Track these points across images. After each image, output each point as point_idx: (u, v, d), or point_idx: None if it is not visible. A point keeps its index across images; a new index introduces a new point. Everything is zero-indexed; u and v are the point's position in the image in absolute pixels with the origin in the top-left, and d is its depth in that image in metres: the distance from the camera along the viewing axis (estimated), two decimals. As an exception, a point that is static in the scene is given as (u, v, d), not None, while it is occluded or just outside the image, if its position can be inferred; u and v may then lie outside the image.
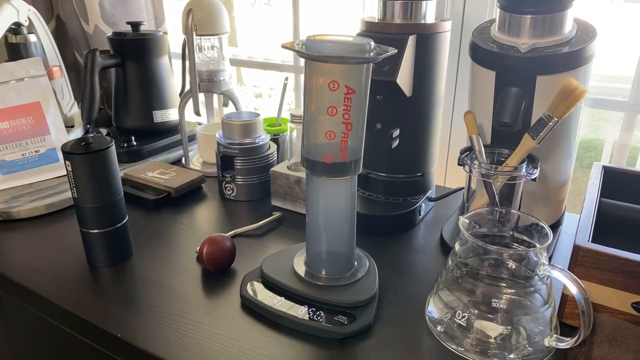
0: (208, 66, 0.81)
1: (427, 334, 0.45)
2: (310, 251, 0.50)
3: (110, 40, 0.86)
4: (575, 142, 0.58)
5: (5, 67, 0.75)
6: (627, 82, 0.70)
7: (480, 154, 0.54)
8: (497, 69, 0.53)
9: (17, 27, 0.89)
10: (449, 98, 0.79)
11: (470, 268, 0.43)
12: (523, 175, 0.52)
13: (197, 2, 0.76)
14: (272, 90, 1.89)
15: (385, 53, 0.40)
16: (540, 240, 0.43)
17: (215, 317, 0.47)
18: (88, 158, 0.51)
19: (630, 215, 0.56)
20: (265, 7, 1.90)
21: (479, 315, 0.41)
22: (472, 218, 0.46)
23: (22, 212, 0.67)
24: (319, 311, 0.46)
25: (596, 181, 0.55)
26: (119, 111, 0.90)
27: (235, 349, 0.43)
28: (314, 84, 0.41)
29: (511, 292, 0.41)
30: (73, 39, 1.07)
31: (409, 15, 0.58)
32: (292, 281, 0.49)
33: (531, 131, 0.51)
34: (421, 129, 0.64)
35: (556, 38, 0.51)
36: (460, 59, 0.76)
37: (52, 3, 1.08)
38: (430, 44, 0.59)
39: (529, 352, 0.41)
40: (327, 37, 0.40)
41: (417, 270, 0.56)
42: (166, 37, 0.90)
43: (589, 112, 0.81)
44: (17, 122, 0.75)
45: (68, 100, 0.97)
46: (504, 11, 0.53)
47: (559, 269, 0.39)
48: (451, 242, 0.58)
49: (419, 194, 0.66)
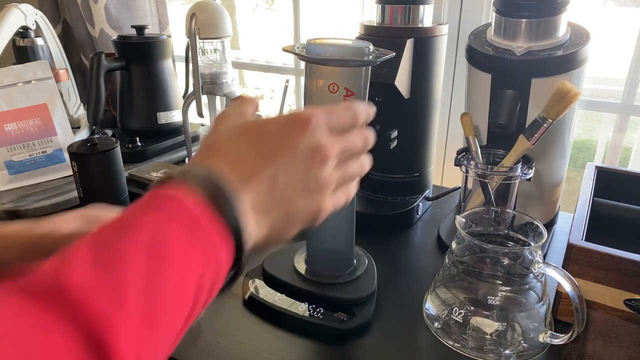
0: (211, 69, 0.82)
1: (424, 330, 0.45)
2: (311, 249, 0.51)
3: (116, 44, 0.87)
4: (569, 143, 0.59)
5: (13, 69, 0.76)
6: (619, 85, 0.71)
7: (476, 154, 0.55)
8: (493, 72, 0.54)
9: (24, 31, 0.90)
10: (446, 100, 0.79)
11: (466, 266, 0.44)
12: (518, 176, 0.52)
13: (200, 6, 0.77)
14: (273, 93, 1.90)
15: (384, 56, 0.40)
16: (535, 238, 0.43)
17: (217, 313, 0.48)
18: (94, 158, 0.52)
19: (623, 215, 0.56)
20: (267, 11, 1.91)
21: (475, 312, 0.42)
22: (469, 217, 0.46)
23: (29, 212, 0.68)
24: (319, 308, 0.46)
25: (589, 181, 0.56)
26: (124, 113, 0.91)
27: (237, 344, 0.44)
28: (314, 87, 0.41)
29: (506, 290, 0.42)
30: (79, 42, 1.08)
31: (406, 19, 0.59)
32: (292, 278, 0.49)
33: (526, 132, 0.52)
34: (419, 130, 0.65)
35: (551, 41, 0.51)
36: (457, 61, 0.77)
37: (58, 7, 1.09)
38: (428, 47, 0.59)
39: (524, 348, 0.41)
40: (327, 41, 0.40)
41: (414, 268, 0.56)
42: (170, 40, 0.91)
43: (583, 114, 0.82)
44: (24, 123, 0.76)
45: (74, 102, 0.98)
46: (500, 15, 0.53)
47: (553, 266, 0.40)
48: (448, 240, 0.59)
49: (417, 194, 0.67)
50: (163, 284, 0.21)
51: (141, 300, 0.20)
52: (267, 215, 0.28)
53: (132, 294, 0.20)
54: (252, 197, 0.27)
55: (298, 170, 0.29)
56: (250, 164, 0.28)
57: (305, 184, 0.29)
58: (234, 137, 0.29)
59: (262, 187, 0.27)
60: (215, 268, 0.24)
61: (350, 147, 0.32)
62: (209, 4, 0.78)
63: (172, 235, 0.23)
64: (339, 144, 0.31)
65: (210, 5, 0.78)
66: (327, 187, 0.30)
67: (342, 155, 0.31)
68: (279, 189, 0.28)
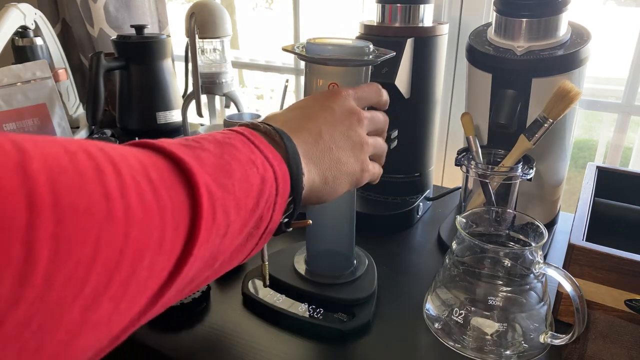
0: (210, 68, 0.82)
1: (424, 331, 0.45)
2: (311, 250, 0.51)
3: (115, 43, 0.87)
4: (569, 142, 0.59)
5: (12, 69, 0.76)
6: (620, 84, 0.70)
7: (477, 154, 0.55)
8: (494, 72, 0.54)
9: (23, 31, 0.90)
10: (447, 100, 0.79)
11: (467, 266, 0.43)
12: (519, 176, 0.52)
13: (200, 6, 0.77)
14: (273, 92, 1.90)
15: (384, 56, 0.40)
16: (535, 239, 0.43)
17: (217, 314, 0.48)
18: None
19: (624, 215, 0.56)
20: (267, 11, 1.91)
21: (476, 313, 0.42)
22: (469, 217, 0.46)
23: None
24: (319, 308, 0.46)
25: (590, 181, 0.56)
26: (123, 112, 0.91)
27: (237, 345, 0.44)
28: (314, 86, 0.41)
29: (507, 290, 0.42)
30: (78, 42, 1.08)
31: (407, 18, 0.59)
32: (292, 279, 0.49)
33: (527, 132, 0.52)
34: (419, 130, 0.65)
35: (551, 41, 0.51)
36: (457, 61, 0.77)
37: (57, 7, 1.09)
38: (428, 47, 0.59)
39: (524, 348, 0.41)
40: (327, 40, 0.40)
41: (415, 268, 0.56)
42: (169, 40, 0.91)
43: (583, 114, 0.82)
44: (23, 123, 0.76)
45: (73, 102, 0.98)
46: (500, 15, 0.53)
47: (554, 267, 0.40)
48: (448, 240, 0.59)
49: (417, 194, 0.67)
50: (232, 160, 0.25)
51: (213, 162, 0.24)
52: (318, 164, 0.32)
53: (207, 158, 0.24)
54: (302, 146, 0.31)
55: (339, 126, 0.33)
56: (297, 123, 0.33)
57: (348, 139, 0.33)
58: (282, 113, 0.35)
59: (310, 137, 0.32)
60: (277, 177, 0.27)
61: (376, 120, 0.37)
62: (208, 3, 0.77)
63: (238, 142, 0.27)
64: (367, 113, 0.36)
65: (209, 5, 0.78)
66: (366, 146, 0.35)
67: (371, 125, 0.37)
68: (324, 141, 0.32)
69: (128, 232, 0.18)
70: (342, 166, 0.33)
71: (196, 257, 0.22)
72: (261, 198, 0.26)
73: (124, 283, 0.18)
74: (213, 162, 0.24)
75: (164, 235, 0.20)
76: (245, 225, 0.26)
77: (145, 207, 0.19)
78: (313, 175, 0.31)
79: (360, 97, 0.37)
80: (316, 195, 0.32)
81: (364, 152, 0.35)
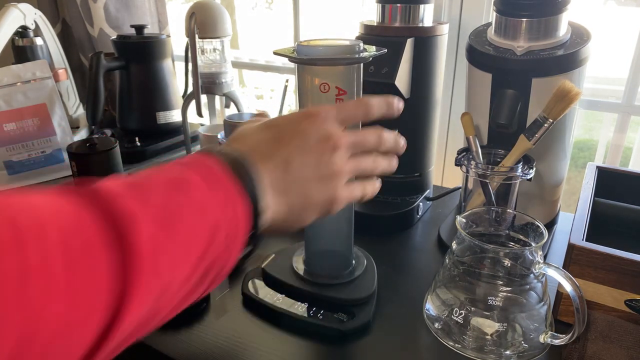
0: (210, 68, 0.82)
1: (424, 331, 0.45)
2: (309, 250, 0.51)
3: (115, 43, 0.87)
4: (569, 142, 0.58)
5: (12, 69, 0.76)
6: (620, 84, 0.70)
7: (477, 154, 0.55)
8: (494, 72, 0.54)
9: (23, 31, 0.90)
10: (447, 100, 0.79)
11: (467, 266, 0.43)
12: (519, 176, 0.52)
13: (200, 6, 0.77)
14: (273, 92, 1.90)
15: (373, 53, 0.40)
16: (535, 239, 0.43)
17: (217, 314, 0.48)
18: (93, 158, 0.52)
19: (624, 215, 0.56)
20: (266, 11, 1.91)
21: (476, 313, 0.42)
22: (469, 217, 0.46)
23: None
24: (319, 308, 0.46)
25: (590, 181, 0.56)
26: (123, 112, 0.91)
27: (236, 345, 0.44)
28: (306, 88, 0.41)
29: (507, 290, 0.42)
30: (78, 42, 1.08)
31: (407, 18, 0.59)
32: (292, 279, 0.49)
33: (527, 132, 0.52)
34: (419, 130, 0.65)
35: (551, 41, 0.51)
36: (457, 61, 0.77)
37: (57, 7, 1.09)
38: (428, 47, 0.59)
39: (524, 348, 0.41)
40: (317, 42, 0.40)
41: (415, 268, 0.56)
42: (169, 40, 0.91)
43: (583, 114, 0.82)
44: (23, 123, 0.76)
45: (73, 102, 0.98)
46: (500, 15, 0.53)
47: (554, 267, 0.39)
48: (448, 240, 0.59)
49: (417, 194, 0.67)
50: (180, 206, 0.24)
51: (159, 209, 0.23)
52: (284, 195, 0.30)
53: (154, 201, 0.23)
54: (269, 176, 0.30)
55: (310, 155, 0.31)
56: (267, 148, 0.31)
57: (318, 170, 0.32)
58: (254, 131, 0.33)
59: (277, 167, 0.30)
60: (233, 220, 0.26)
61: (361, 141, 0.35)
62: (208, 3, 0.77)
63: (193, 179, 0.26)
64: (350, 137, 0.33)
65: (209, 5, 0.78)
66: (340, 176, 0.33)
67: (354, 148, 0.34)
68: (293, 171, 0.31)
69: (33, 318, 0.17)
70: (310, 198, 0.31)
71: (125, 323, 0.21)
72: (211, 247, 0.25)
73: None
74: (154, 215, 0.23)
75: (79, 315, 0.19)
76: (187, 280, 0.25)
77: (55, 285, 0.18)
78: (278, 207, 0.30)
79: (344, 117, 0.34)
80: (281, 225, 0.31)
81: (337, 182, 0.33)
